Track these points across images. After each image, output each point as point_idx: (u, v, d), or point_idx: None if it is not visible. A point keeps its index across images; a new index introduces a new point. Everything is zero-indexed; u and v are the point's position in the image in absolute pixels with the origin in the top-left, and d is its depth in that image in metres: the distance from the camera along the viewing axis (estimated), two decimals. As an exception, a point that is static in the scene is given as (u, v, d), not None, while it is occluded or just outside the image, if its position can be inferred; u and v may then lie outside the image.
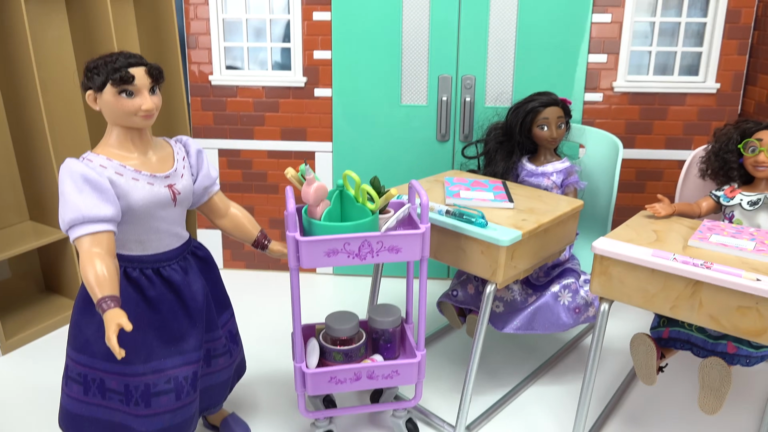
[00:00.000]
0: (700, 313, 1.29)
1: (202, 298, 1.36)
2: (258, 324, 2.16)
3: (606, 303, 1.44)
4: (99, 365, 1.29)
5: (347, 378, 1.49)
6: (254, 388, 1.83)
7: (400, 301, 2.27)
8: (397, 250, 1.38)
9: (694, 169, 1.79)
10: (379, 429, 1.67)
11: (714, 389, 1.40)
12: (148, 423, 1.30)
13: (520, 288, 1.79)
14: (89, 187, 1.16)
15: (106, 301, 1.11)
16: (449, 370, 1.92)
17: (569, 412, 1.74)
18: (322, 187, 1.37)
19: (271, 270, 2.60)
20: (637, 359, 1.51)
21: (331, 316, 1.59)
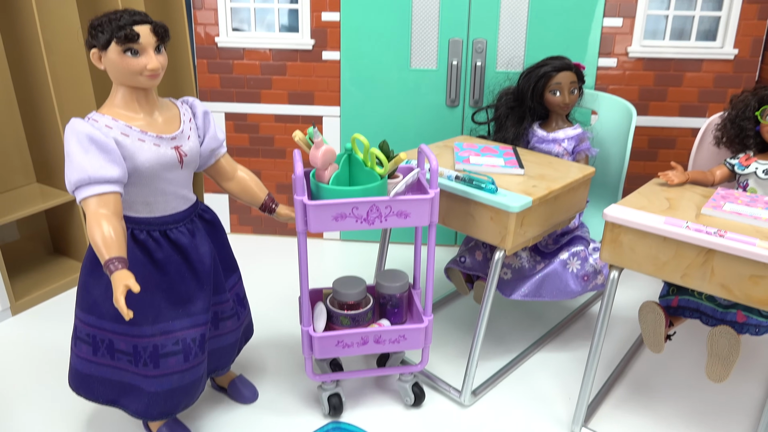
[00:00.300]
0: (712, 281, 1.28)
1: (209, 260, 1.35)
2: (265, 288, 2.17)
3: (616, 271, 1.42)
4: (107, 326, 1.30)
5: (354, 342, 1.50)
6: (262, 351, 1.84)
7: (408, 267, 2.26)
8: (406, 215, 1.37)
9: (708, 137, 1.76)
10: (386, 393, 1.68)
11: (722, 358, 1.39)
12: (156, 383, 1.31)
13: (528, 255, 1.78)
14: (95, 148, 1.15)
15: (114, 263, 1.11)
16: (456, 335, 1.93)
17: (575, 379, 1.74)
18: (330, 151, 1.35)
19: (279, 235, 2.60)
20: (645, 327, 1.51)
21: (339, 280, 1.59)
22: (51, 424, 1.54)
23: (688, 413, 1.62)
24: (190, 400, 1.38)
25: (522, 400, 1.67)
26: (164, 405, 1.33)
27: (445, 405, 1.64)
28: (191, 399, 1.38)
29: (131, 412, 1.36)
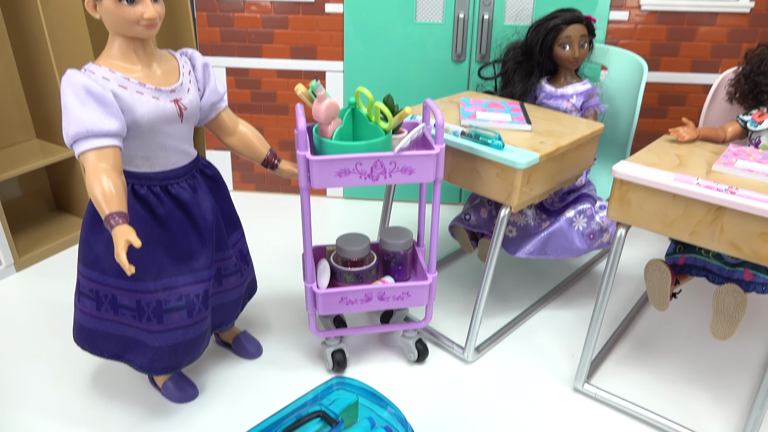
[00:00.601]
0: (721, 239, 1.26)
1: (211, 216, 1.34)
2: (269, 245, 2.16)
3: (623, 228, 1.41)
4: (110, 282, 1.30)
5: (358, 299, 1.49)
6: (265, 307, 1.85)
7: (412, 225, 2.25)
8: (411, 171, 1.34)
9: (720, 93, 1.71)
10: (389, 349, 1.69)
11: (728, 315, 1.39)
12: (160, 338, 1.31)
13: (534, 213, 1.76)
14: (92, 100, 1.12)
15: (114, 218, 1.09)
16: (460, 293, 1.93)
17: (578, 336, 1.75)
18: (333, 105, 1.32)
19: (282, 192, 2.58)
20: (651, 285, 1.50)
21: (342, 237, 1.58)
22: (57, 379, 1.56)
23: (691, 370, 1.62)
24: (194, 355, 1.39)
25: (525, 357, 1.67)
26: (169, 360, 1.34)
27: (448, 361, 1.65)
28: (195, 354, 1.39)
29: (136, 367, 1.37)
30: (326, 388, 1.19)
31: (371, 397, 1.18)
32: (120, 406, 1.48)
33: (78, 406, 1.47)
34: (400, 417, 1.13)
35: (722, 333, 1.41)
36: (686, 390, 1.56)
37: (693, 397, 1.54)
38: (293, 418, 1.10)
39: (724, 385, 1.58)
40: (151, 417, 1.45)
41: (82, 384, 1.54)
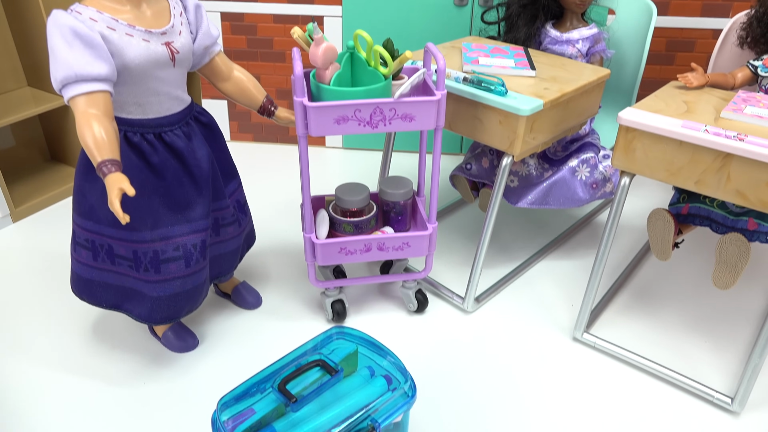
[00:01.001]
0: (727, 187, 1.23)
1: (207, 165, 1.31)
2: (267, 196, 2.14)
3: (627, 177, 1.38)
4: (106, 231, 1.28)
5: (357, 249, 1.48)
6: (264, 258, 1.84)
7: (412, 176, 2.22)
8: (411, 118, 1.31)
9: (731, 37, 1.66)
10: (389, 299, 1.68)
11: (730, 265, 1.37)
12: (158, 288, 1.30)
13: (536, 162, 1.73)
14: (80, 42, 1.08)
15: (107, 165, 1.07)
16: (460, 244, 1.92)
17: (578, 286, 1.74)
18: (331, 48, 1.27)
19: (280, 143, 2.54)
20: (653, 234, 1.48)
21: (342, 187, 1.55)
22: (57, 329, 1.56)
23: (690, 320, 1.63)
24: (193, 305, 1.38)
25: (524, 307, 1.67)
26: (167, 310, 1.33)
27: (448, 311, 1.65)
28: (194, 304, 1.38)
29: (135, 317, 1.36)
30: (326, 337, 1.18)
31: (371, 347, 1.18)
32: (120, 355, 1.48)
33: (78, 356, 1.48)
34: (400, 366, 1.13)
35: (724, 282, 1.40)
36: (685, 339, 1.56)
37: (692, 346, 1.54)
38: (293, 366, 1.10)
39: (723, 335, 1.58)
40: (152, 366, 1.46)
41: (81, 334, 1.54)
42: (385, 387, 1.09)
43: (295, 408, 1.02)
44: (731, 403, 1.36)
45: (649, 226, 1.48)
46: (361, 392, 1.08)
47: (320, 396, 1.06)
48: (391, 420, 1.05)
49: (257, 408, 1.04)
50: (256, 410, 1.03)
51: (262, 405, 1.04)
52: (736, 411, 1.36)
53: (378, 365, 1.15)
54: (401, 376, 1.12)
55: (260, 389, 1.07)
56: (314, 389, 1.05)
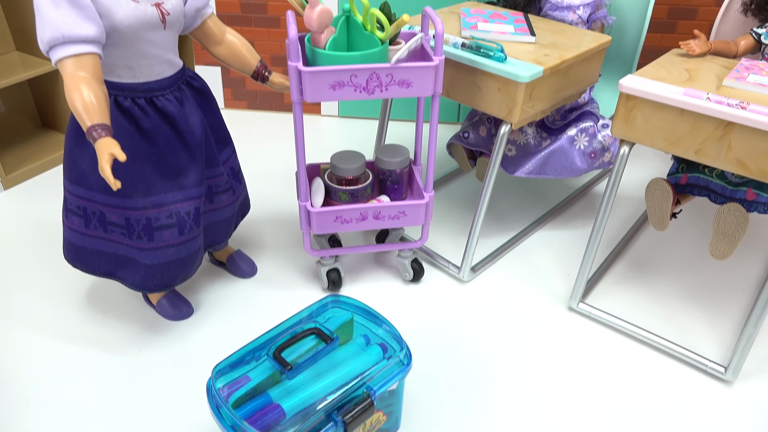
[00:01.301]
0: (728, 157, 1.22)
1: (200, 131, 1.28)
2: (262, 164, 2.11)
3: (626, 146, 1.36)
4: (97, 198, 1.26)
5: (353, 218, 1.47)
6: (259, 227, 1.82)
7: (409, 145, 2.20)
8: (408, 84, 1.28)
9: (734, 4, 1.62)
10: (385, 268, 1.68)
11: (728, 235, 1.37)
12: (152, 256, 1.28)
13: (534, 131, 1.71)
14: (66, 2, 1.04)
15: (96, 130, 1.04)
16: (456, 213, 1.90)
17: (575, 256, 1.74)
18: (326, 11, 1.24)
19: (275, 111, 2.51)
20: (651, 204, 1.47)
21: (337, 155, 1.53)
22: (50, 296, 1.55)
23: (686, 290, 1.63)
24: (187, 273, 1.37)
25: (520, 277, 1.67)
26: (161, 277, 1.32)
27: (443, 281, 1.64)
28: (188, 272, 1.37)
29: (129, 284, 1.35)
30: (321, 306, 1.18)
31: (366, 315, 1.18)
32: (115, 323, 1.48)
33: (72, 324, 1.47)
34: (395, 334, 1.13)
35: (721, 253, 1.40)
36: (680, 309, 1.57)
37: (687, 316, 1.55)
38: (288, 335, 1.10)
39: (718, 305, 1.58)
40: (147, 334, 1.45)
41: (75, 302, 1.53)
42: (380, 355, 1.09)
43: (290, 375, 1.02)
44: (725, 373, 1.37)
45: (647, 195, 1.47)
46: (357, 360, 1.08)
47: (315, 364, 1.06)
48: (387, 388, 1.05)
49: (252, 375, 1.04)
50: (251, 377, 1.03)
51: (257, 372, 1.04)
52: (729, 380, 1.37)
53: (373, 333, 1.15)
54: (396, 345, 1.11)
55: (255, 357, 1.07)
56: (309, 357, 1.04)
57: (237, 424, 0.95)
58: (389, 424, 1.16)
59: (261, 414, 0.97)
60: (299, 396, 1.00)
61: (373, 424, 1.09)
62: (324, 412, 0.98)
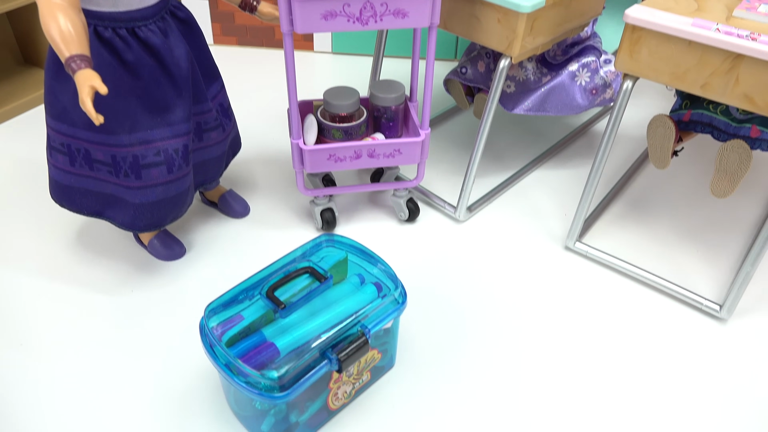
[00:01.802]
0: (735, 91, 1.18)
1: (186, 64, 1.23)
2: (253, 103, 2.05)
3: (630, 80, 1.31)
4: (81, 135, 1.21)
5: (347, 156, 1.43)
6: (251, 166, 1.78)
7: (405, 81, 2.13)
8: (404, 14, 1.22)
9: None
10: (380, 208, 1.65)
11: (730, 173, 1.34)
12: (140, 195, 1.25)
13: (534, 67, 1.65)
14: None
15: (75, 61, 0.99)
16: (453, 152, 1.86)
17: (572, 196, 1.71)
18: (317, -66, 1.16)
19: (266, 47, 2.42)
20: (652, 142, 1.44)
21: (330, 91, 1.48)
22: (40, 237, 1.52)
23: (684, 229, 1.61)
24: (177, 212, 1.34)
25: (517, 216, 1.65)
26: (151, 217, 1.29)
27: (439, 220, 1.62)
28: (179, 211, 1.34)
29: (118, 224, 1.32)
30: (315, 245, 1.16)
31: (360, 254, 1.16)
32: (106, 263, 1.46)
33: (63, 264, 1.45)
34: (390, 273, 1.11)
35: (722, 191, 1.37)
36: (677, 248, 1.56)
37: (684, 255, 1.54)
38: (281, 274, 1.08)
39: (715, 244, 1.57)
40: (139, 274, 1.43)
41: (66, 242, 1.51)
42: (375, 294, 1.08)
43: (283, 314, 1.01)
44: (719, 311, 1.37)
45: (649, 132, 1.43)
46: (351, 299, 1.07)
47: (309, 303, 1.05)
48: (381, 326, 1.04)
49: (245, 314, 1.02)
50: (245, 316, 1.02)
51: (251, 311, 1.03)
52: (724, 318, 1.37)
53: (368, 273, 1.13)
54: (391, 283, 1.10)
55: (248, 296, 1.05)
56: (303, 296, 1.03)
57: (231, 362, 0.94)
58: (384, 361, 1.16)
59: (255, 352, 0.97)
60: (293, 334, 0.99)
61: (368, 362, 1.09)
62: (318, 349, 0.97)
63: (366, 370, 1.09)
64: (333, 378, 1.02)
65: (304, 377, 0.95)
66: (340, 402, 1.09)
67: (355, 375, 1.07)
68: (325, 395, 1.04)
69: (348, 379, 1.06)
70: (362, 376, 1.10)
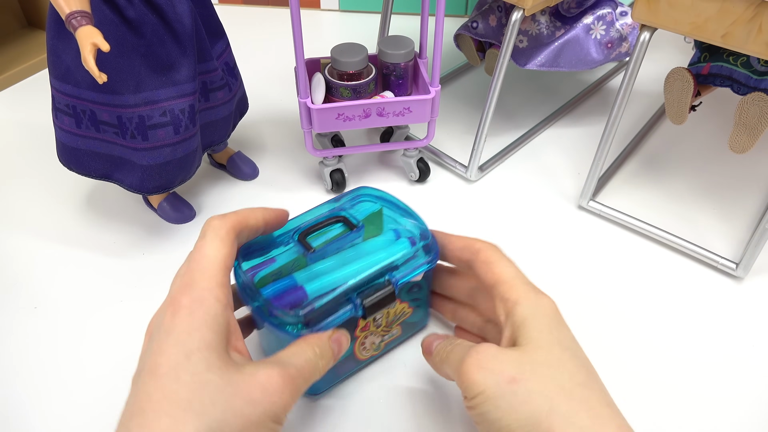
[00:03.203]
0: (757, 40, 1.13)
1: (189, 21, 1.20)
2: (259, 62, 2.02)
3: (647, 32, 1.27)
4: (86, 95, 1.19)
5: (356, 115, 1.40)
6: (259, 128, 1.76)
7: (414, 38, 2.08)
8: (413, -35, 1.18)
9: None
10: (390, 168, 1.63)
11: (750, 127, 1.30)
12: (148, 156, 1.24)
13: (547, 20, 1.60)
14: None
15: (76, 17, 0.96)
16: (464, 111, 1.83)
17: (586, 154, 1.68)
18: None
19: (272, 6, 2.37)
20: (670, 96, 1.40)
21: (338, 48, 1.44)
22: (49, 201, 1.52)
23: (700, 187, 1.58)
24: (186, 174, 1.33)
25: (529, 175, 1.62)
26: (159, 178, 1.28)
27: (450, 180, 1.60)
28: (187, 173, 1.33)
29: (126, 186, 1.31)
30: (352, 197, 1.12)
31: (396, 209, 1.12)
32: (116, 227, 1.45)
33: (73, 228, 1.45)
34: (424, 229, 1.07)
35: (741, 146, 1.34)
36: (693, 206, 1.53)
37: (699, 213, 1.51)
38: (314, 221, 1.05)
39: (732, 202, 1.54)
40: (149, 237, 1.43)
41: (75, 206, 1.51)
42: (408, 248, 1.05)
43: (313, 258, 0.98)
44: (735, 269, 1.35)
45: (666, 86, 1.39)
46: (384, 251, 1.04)
47: (341, 253, 1.02)
48: (410, 279, 1.01)
49: (278, 258, 0.99)
50: (277, 260, 0.99)
51: (283, 256, 1.00)
52: (740, 276, 1.35)
53: (403, 228, 1.10)
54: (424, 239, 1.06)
55: (282, 241, 1.02)
56: (334, 243, 1.00)
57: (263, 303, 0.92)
58: (415, 318, 1.14)
59: (285, 294, 0.94)
60: (322, 281, 0.97)
61: (398, 315, 1.07)
62: (345, 294, 0.95)
63: (396, 323, 1.08)
64: (359, 326, 1.01)
65: (328, 318, 0.93)
66: (368, 353, 1.08)
67: (384, 327, 1.06)
68: (351, 344, 1.03)
69: (377, 330, 1.05)
70: (392, 330, 1.08)
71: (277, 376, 0.67)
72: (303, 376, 0.71)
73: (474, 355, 0.72)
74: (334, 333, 0.89)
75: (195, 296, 0.72)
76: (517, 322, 0.74)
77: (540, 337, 0.71)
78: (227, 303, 0.77)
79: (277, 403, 0.65)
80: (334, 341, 0.81)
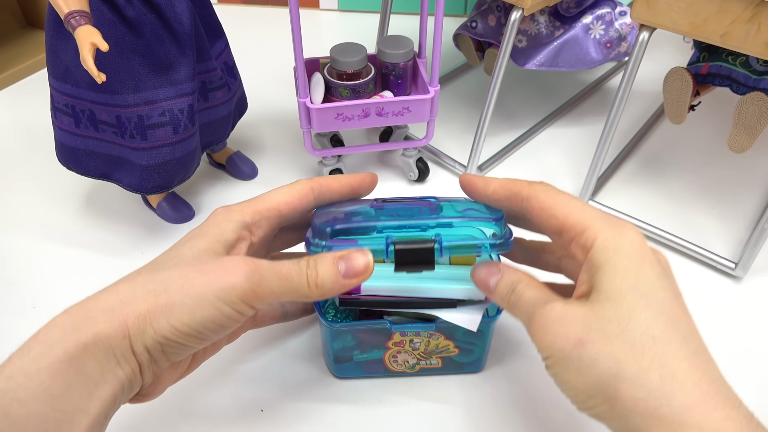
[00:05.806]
0: (756, 39, 1.13)
1: (188, 21, 1.19)
2: (258, 63, 2.02)
3: (646, 31, 1.27)
4: (85, 95, 1.19)
5: (355, 115, 1.40)
6: (258, 127, 1.76)
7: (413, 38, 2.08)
8: (412, -36, 1.18)
9: None
10: (389, 168, 1.63)
11: (749, 126, 1.30)
12: (147, 156, 1.24)
13: (546, 20, 1.60)
14: None
15: (75, 17, 0.96)
16: (463, 111, 1.83)
17: (585, 154, 1.68)
18: None
19: (271, 5, 2.37)
20: (669, 95, 1.40)
21: (337, 47, 1.44)
22: (48, 200, 1.52)
23: (698, 186, 1.58)
24: (185, 174, 1.33)
25: (529, 175, 1.61)
26: (158, 178, 1.28)
27: (450, 180, 1.60)
28: (186, 173, 1.33)
29: (125, 186, 1.31)
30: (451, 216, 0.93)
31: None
32: (115, 227, 1.45)
33: (72, 228, 1.45)
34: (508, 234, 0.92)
35: (740, 145, 1.34)
36: (692, 206, 1.53)
37: (698, 213, 1.51)
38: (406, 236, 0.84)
39: (731, 202, 1.54)
40: (149, 237, 1.43)
41: (74, 206, 1.50)
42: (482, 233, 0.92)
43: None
44: (734, 269, 1.35)
45: (665, 85, 1.39)
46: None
47: None
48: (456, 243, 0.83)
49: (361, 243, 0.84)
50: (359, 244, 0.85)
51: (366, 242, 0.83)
52: (739, 275, 1.35)
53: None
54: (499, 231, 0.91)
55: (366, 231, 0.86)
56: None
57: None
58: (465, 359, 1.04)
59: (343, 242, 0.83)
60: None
61: (439, 348, 1.00)
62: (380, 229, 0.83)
63: (435, 355, 1.03)
64: (393, 338, 0.98)
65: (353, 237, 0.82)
66: (400, 368, 1.04)
67: (421, 351, 1.01)
68: (382, 351, 1.00)
69: (411, 351, 1.01)
70: (430, 358, 1.03)
71: (240, 260, 0.66)
72: (276, 273, 0.65)
73: (538, 319, 0.64)
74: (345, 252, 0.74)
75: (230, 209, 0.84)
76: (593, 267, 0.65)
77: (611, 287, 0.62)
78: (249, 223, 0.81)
79: (229, 282, 0.63)
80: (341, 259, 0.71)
